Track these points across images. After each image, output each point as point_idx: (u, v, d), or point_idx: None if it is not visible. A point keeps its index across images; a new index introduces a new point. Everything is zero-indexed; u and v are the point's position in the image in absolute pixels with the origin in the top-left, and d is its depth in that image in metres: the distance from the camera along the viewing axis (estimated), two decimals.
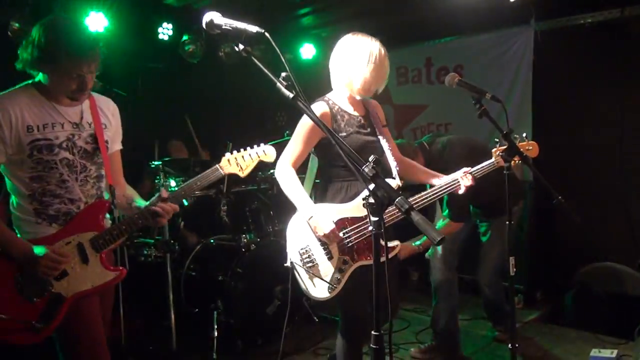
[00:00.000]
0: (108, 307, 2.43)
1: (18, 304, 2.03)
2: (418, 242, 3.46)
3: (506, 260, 2.58)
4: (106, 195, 2.30)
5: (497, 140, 2.73)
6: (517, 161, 2.58)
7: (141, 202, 2.32)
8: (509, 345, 2.59)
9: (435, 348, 3.71)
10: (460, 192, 2.68)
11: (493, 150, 2.73)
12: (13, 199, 2.18)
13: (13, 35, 3.99)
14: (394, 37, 5.78)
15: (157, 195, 2.26)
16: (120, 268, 2.24)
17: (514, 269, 2.56)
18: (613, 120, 4.62)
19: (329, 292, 2.47)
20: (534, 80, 4.90)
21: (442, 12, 5.09)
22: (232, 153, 2.41)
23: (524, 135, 2.74)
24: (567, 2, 4.71)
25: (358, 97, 2.62)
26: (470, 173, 2.69)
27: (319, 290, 2.48)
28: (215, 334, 3.69)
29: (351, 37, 2.59)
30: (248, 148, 2.45)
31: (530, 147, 2.75)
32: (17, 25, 4.02)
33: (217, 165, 2.38)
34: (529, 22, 4.89)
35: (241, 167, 2.41)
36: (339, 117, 2.57)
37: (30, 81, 2.18)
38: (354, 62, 2.51)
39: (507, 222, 2.55)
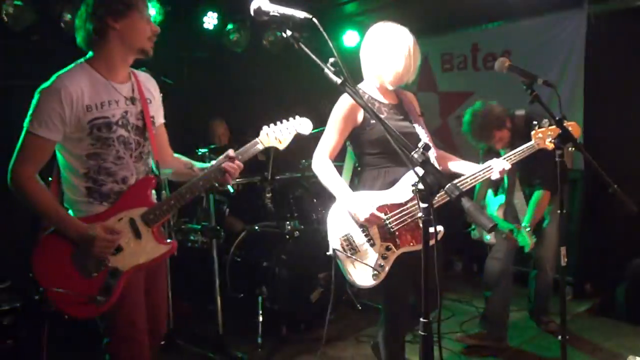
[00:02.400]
0: (163, 297, 2.49)
1: (78, 280, 2.08)
2: (488, 237, 3.42)
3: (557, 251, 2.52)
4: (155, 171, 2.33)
5: (536, 122, 2.64)
6: (569, 148, 2.50)
7: (201, 165, 2.41)
8: (559, 337, 2.54)
9: (482, 337, 3.66)
10: (494, 177, 2.60)
11: (532, 132, 2.65)
12: (65, 177, 2.19)
13: (66, 28, 4.11)
14: (438, 23, 5.68)
15: (224, 155, 2.31)
16: (172, 241, 2.28)
17: (565, 260, 2.50)
18: None
19: (374, 280, 2.46)
20: (586, 65, 4.72)
21: None
22: (269, 126, 2.45)
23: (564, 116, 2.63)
24: None
25: (390, 88, 2.61)
26: (509, 157, 2.63)
27: (362, 277, 2.48)
28: (260, 319, 3.76)
29: (381, 26, 2.57)
30: (284, 121, 2.49)
31: (571, 128, 2.65)
32: (69, 17, 4.14)
33: (256, 139, 2.41)
34: (582, 4, 4.69)
35: (279, 140, 2.46)
36: (370, 104, 2.55)
37: (83, 59, 2.17)
38: (385, 54, 2.51)
39: (559, 211, 2.48)
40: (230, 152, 2.32)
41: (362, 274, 2.48)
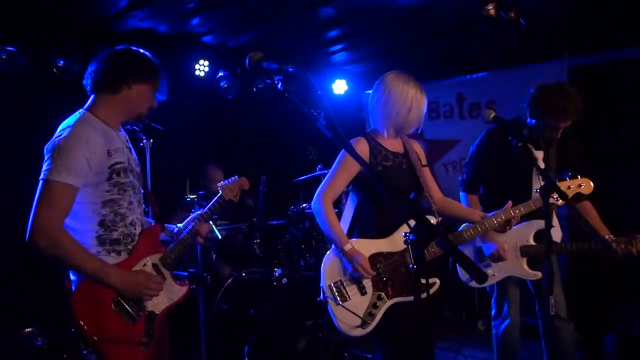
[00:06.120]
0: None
1: (123, 327, 2.10)
2: None
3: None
4: None
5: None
6: (555, 198, 2.54)
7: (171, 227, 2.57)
8: None
9: None
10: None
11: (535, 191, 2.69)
12: (69, 226, 2.06)
13: (58, 74, 4.13)
14: (424, 72, 5.82)
15: (194, 217, 2.51)
16: (185, 282, 2.43)
17: (553, 310, 2.49)
18: None
19: (362, 329, 2.44)
20: None
21: (473, 47, 5.11)
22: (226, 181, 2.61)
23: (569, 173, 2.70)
24: (603, 36, 4.66)
25: (396, 136, 2.68)
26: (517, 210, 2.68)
27: (351, 326, 2.45)
28: None
29: (392, 78, 2.63)
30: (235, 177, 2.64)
31: (583, 184, 2.72)
32: (62, 63, 4.17)
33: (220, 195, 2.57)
34: (563, 56, 4.85)
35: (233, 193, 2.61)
36: (376, 152, 2.61)
37: (83, 110, 2.19)
38: (394, 106, 2.58)
39: (547, 259, 2.49)
40: (200, 214, 2.51)
41: (351, 322, 2.44)
